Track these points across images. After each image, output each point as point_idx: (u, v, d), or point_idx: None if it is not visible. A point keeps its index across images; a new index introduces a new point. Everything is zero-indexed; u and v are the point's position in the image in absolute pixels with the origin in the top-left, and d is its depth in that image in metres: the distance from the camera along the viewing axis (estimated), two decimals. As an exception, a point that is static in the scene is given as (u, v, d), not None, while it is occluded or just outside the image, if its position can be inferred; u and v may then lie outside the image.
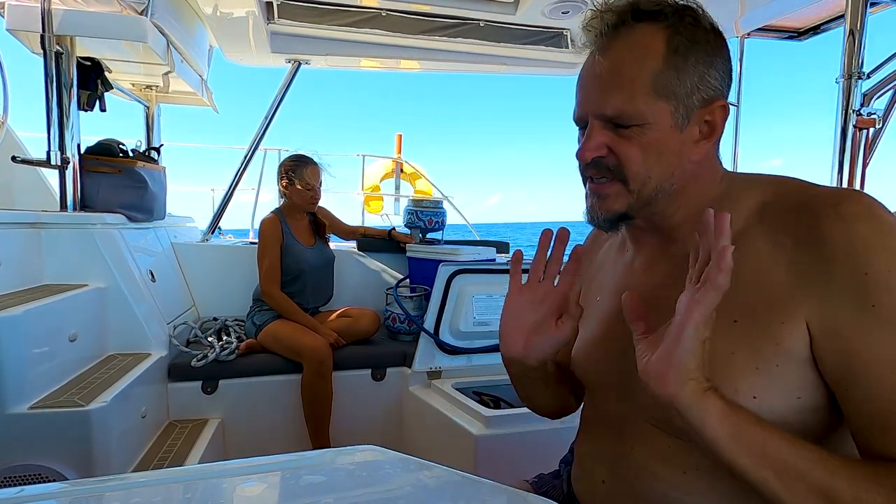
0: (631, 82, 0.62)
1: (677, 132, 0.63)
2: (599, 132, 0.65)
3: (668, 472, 0.65)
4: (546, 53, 2.69)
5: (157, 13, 2.06)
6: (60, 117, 2.01)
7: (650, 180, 0.65)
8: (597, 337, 0.78)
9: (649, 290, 0.69)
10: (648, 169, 0.64)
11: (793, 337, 0.57)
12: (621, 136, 0.64)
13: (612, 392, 0.73)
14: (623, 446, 0.70)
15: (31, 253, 1.74)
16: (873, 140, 1.72)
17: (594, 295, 0.83)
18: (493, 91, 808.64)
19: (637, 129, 0.63)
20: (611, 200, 0.67)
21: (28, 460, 1.34)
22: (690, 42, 0.62)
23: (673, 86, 0.62)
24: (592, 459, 0.76)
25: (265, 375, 2.09)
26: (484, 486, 0.49)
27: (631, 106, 0.62)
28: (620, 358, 0.70)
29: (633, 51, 0.63)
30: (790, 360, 0.57)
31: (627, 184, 0.65)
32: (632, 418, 0.69)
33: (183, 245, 2.63)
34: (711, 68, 0.63)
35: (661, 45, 0.62)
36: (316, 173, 2.34)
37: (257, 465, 0.54)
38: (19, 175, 2.76)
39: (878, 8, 1.86)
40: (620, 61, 0.63)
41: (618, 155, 0.65)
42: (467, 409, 1.64)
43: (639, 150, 0.64)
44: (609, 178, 0.66)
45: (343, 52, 2.65)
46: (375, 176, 5.82)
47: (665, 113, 0.62)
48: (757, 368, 0.58)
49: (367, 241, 2.80)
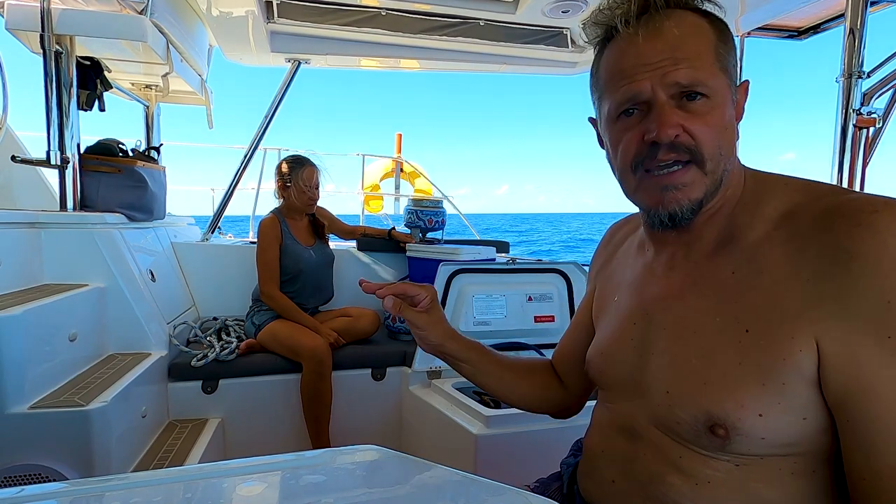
0: (698, 52, 0.60)
1: (732, 107, 0.62)
2: (672, 109, 0.60)
3: (680, 481, 0.63)
4: (546, 52, 2.69)
5: (156, 12, 2.06)
6: (60, 117, 2.01)
7: (721, 159, 0.61)
8: (612, 337, 0.76)
9: (670, 289, 0.68)
10: (720, 146, 0.61)
11: (801, 354, 0.54)
12: (690, 111, 0.60)
13: (625, 393, 0.72)
14: (635, 449, 0.69)
15: (30, 253, 1.74)
16: (873, 139, 1.72)
17: (612, 294, 0.81)
18: (498, 87, 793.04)
19: (705, 101, 0.60)
20: (691, 189, 0.62)
21: (28, 460, 1.34)
22: (725, 26, 0.63)
23: (727, 60, 0.61)
24: (603, 458, 0.75)
25: (265, 375, 2.09)
26: (484, 485, 0.49)
27: (703, 74, 0.59)
28: (635, 359, 0.70)
29: (692, 27, 0.61)
30: (797, 379, 0.54)
31: (704, 165, 0.61)
32: (644, 422, 0.68)
33: (183, 245, 2.63)
34: (734, 50, 0.63)
35: (708, 24, 0.61)
36: (312, 175, 2.34)
37: (257, 465, 0.54)
38: (19, 175, 2.77)
39: (878, 7, 1.86)
40: (680, 33, 0.60)
41: (691, 132, 0.60)
42: (467, 408, 1.64)
43: (709, 125, 0.60)
44: (683, 162, 0.61)
45: (343, 51, 2.65)
46: (375, 175, 5.82)
47: (725, 86, 0.61)
48: (763, 384, 0.56)
49: (366, 240, 2.80)
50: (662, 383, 0.65)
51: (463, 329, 1.96)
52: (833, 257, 0.54)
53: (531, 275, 2.10)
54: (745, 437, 0.57)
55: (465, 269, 1.99)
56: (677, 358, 0.63)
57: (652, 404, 0.66)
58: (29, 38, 2.08)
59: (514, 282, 2.06)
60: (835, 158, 1.74)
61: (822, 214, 0.56)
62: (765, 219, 0.61)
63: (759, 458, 0.58)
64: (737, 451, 0.58)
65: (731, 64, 0.62)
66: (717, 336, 0.60)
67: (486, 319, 2.00)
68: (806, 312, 0.54)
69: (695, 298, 0.64)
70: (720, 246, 0.64)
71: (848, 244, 0.53)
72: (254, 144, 2.87)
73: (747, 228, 0.62)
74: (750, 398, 0.56)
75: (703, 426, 0.59)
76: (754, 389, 0.56)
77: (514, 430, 1.52)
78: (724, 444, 0.58)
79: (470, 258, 2.37)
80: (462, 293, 1.97)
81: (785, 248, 0.58)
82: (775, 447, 0.57)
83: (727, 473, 0.59)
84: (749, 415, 0.56)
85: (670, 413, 0.63)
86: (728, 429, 0.57)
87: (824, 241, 0.55)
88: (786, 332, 0.55)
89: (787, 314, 0.55)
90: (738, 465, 0.59)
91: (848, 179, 1.72)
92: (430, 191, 5.74)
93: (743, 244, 0.61)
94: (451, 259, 2.29)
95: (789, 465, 0.58)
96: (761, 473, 0.58)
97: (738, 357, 0.57)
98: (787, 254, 0.57)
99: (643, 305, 0.71)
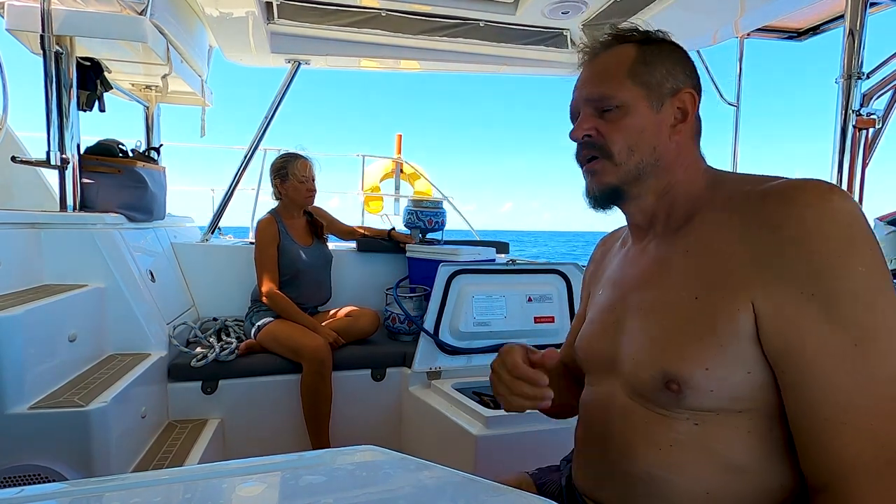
0: (611, 74, 0.76)
1: (654, 113, 0.75)
2: (588, 117, 0.78)
3: (648, 448, 0.69)
4: (546, 53, 2.69)
5: (156, 13, 2.06)
6: (60, 117, 2.01)
7: (633, 154, 0.75)
8: (594, 326, 0.86)
9: (641, 272, 0.79)
10: (631, 145, 0.75)
11: (740, 314, 0.62)
12: (606, 119, 0.76)
13: (603, 371, 0.80)
14: (611, 426, 0.76)
15: (30, 253, 1.74)
16: (873, 140, 1.72)
17: (598, 291, 0.91)
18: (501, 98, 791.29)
19: (618, 110, 0.75)
20: (601, 175, 0.77)
21: (28, 460, 1.34)
22: (657, 47, 0.77)
23: (645, 75, 0.75)
24: (585, 442, 0.83)
25: (265, 375, 2.09)
26: (484, 486, 0.49)
27: (611, 90, 0.75)
28: (611, 339, 0.79)
29: (613, 56, 0.78)
30: (739, 337, 0.62)
31: (613, 158, 0.75)
32: (617, 395, 0.76)
33: (183, 245, 2.62)
34: (677, 66, 0.76)
35: (634, 50, 0.77)
36: (306, 166, 2.34)
37: (257, 465, 0.54)
38: (19, 175, 2.77)
39: (878, 8, 1.86)
40: (604, 63, 0.78)
41: (603, 135, 0.76)
42: (467, 409, 1.64)
43: (621, 129, 0.75)
44: (598, 156, 0.77)
45: (343, 52, 2.65)
46: (375, 176, 5.81)
47: (640, 97, 0.74)
48: (706, 341, 0.64)
49: (366, 241, 2.79)
50: (630, 354, 0.74)
51: (463, 329, 1.96)
52: (762, 228, 0.63)
53: (531, 275, 2.10)
54: (695, 391, 0.64)
55: (464, 270, 1.99)
56: (643, 332, 0.73)
57: (623, 374, 0.75)
58: (29, 39, 2.08)
59: (514, 282, 2.06)
60: (834, 159, 1.74)
61: (759, 195, 0.66)
62: (714, 204, 0.71)
63: (714, 415, 0.65)
64: (691, 406, 0.65)
65: (653, 78, 0.75)
66: (674, 307, 0.69)
67: (486, 320, 2.00)
68: (745, 279, 0.62)
69: (658, 278, 0.74)
70: (678, 230, 0.75)
71: (777, 218, 0.62)
72: (253, 145, 2.86)
73: (699, 213, 0.73)
74: (695, 354, 0.64)
75: (661, 383, 0.67)
76: (699, 346, 0.64)
77: (513, 430, 1.52)
78: (678, 399, 0.66)
79: (470, 259, 2.37)
80: (462, 294, 1.97)
81: (727, 225, 0.67)
82: (724, 400, 0.63)
83: (688, 435, 0.66)
84: (696, 369, 0.64)
85: (636, 378, 0.72)
86: (680, 383, 0.65)
87: (760, 217, 0.64)
88: (727, 297, 0.63)
89: (730, 282, 0.64)
90: (697, 423, 0.66)
91: (848, 180, 1.72)
92: (430, 191, 5.74)
93: (696, 224, 0.72)
94: (450, 260, 2.30)
95: (745, 423, 0.64)
96: (720, 432, 0.65)
97: (688, 321, 0.66)
98: (729, 230, 0.66)
99: (620, 291, 0.82)
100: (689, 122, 0.76)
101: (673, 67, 0.76)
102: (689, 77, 0.77)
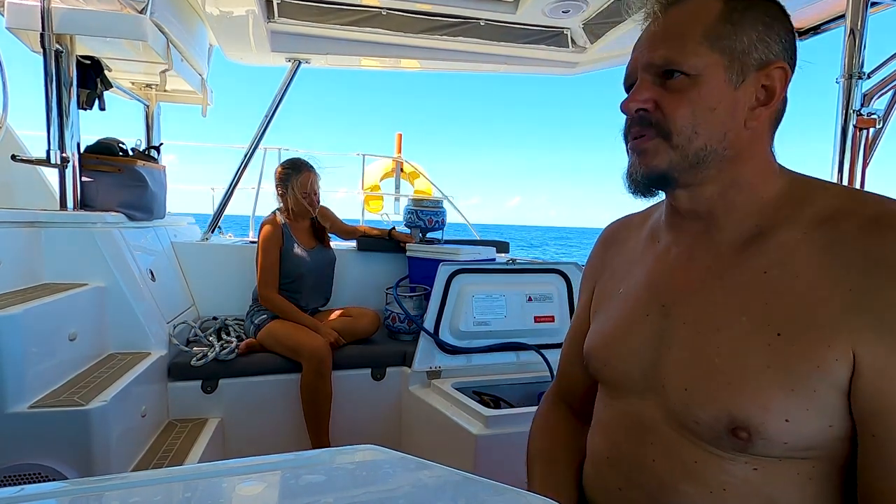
0: (682, 33, 0.61)
1: (732, 89, 0.60)
2: (647, 86, 0.63)
3: (694, 490, 0.61)
4: (546, 52, 2.69)
5: (156, 12, 2.06)
6: (60, 116, 2.01)
7: (697, 137, 0.61)
8: (616, 329, 0.73)
9: (690, 280, 0.66)
10: (696, 125, 0.60)
11: (837, 363, 0.53)
12: (670, 90, 0.61)
13: (634, 389, 0.69)
14: (643, 453, 0.66)
15: (30, 252, 1.74)
16: (873, 140, 1.72)
17: (615, 287, 0.79)
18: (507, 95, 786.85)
19: (686, 79, 0.60)
20: (650, 155, 0.63)
21: (28, 459, 1.34)
22: (749, 3, 0.61)
23: (728, 39, 0.59)
24: (608, 464, 0.72)
25: (265, 375, 2.09)
26: (484, 485, 0.49)
27: (680, 53, 0.60)
28: (647, 353, 0.67)
29: (689, 10, 0.62)
30: (829, 387, 0.53)
31: (671, 139, 0.61)
32: (657, 423, 0.65)
33: (183, 244, 2.62)
34: (771, 31, 0.60)
35: (718, 4, 0.61)
36: (308, 180, 2.32)
37: (257, 465, 0.54)
38: (19, 174, 2.76)
39: (879, 8, 1.86)
40: (675, 18, 0.62)
41: (663, 109, 0.61)
42: (467, 408, 1.64)
43: (687, 104, 0.60)
44: (651, 134, 0.63)
45: (343, 51, 2.65)
46: (375, 175, 5.82)
47: (717, 65, 0.59)
48: (793, 390, 0.54)
49: (366, 240, 2.79)
50: (680, 380, 0.62)
51: (463, 329, 1.96)
52: (880, 267, 0.52)
53: (531, 275, 2.10)
54: (768, 441, 0.56)
55: (464, 269, 1.99)
56: (699, 354, 0.61)
57: (667, 401, 0.63)
58: (29, 37, 2.08)
59: (514, 282, 2.06)
60: (835, 159, 1.74)
61: (869, 222, 0.55)
62: (803, 221, 0.59)
63: (777, 461, 0.57)
64: (756, 454, 0.57)
65: (740, 41, 0.59)
66: (744, 336, 0.58)
67: (486, 319, 2.00)
68: (846, 321, 0.53)
69: (720, 293, 0.62)
70: (749, 242, 0.62)
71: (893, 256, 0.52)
72: (254, 144, 2.86)
73: (781, 228, 0.61)
74: (777, 403, 0.54)
75: (725, 428, 0.57)
76: (783, 394, 0.54)
77: (513, 430, 1.52)
78: (746, 447, 0.57)
79: (470, 258, 2.37)
80: (462, 293, 1.97)
81: (825, 253, 0.56)
82: (796, 451, 0.56)
83: (744, 479, 0.58)
84: (775, 419, 0.54)
85: (688, 411, 0.61)
86: (751, 432, 0.56)
87: (871, 250, 0.53)
88: (822, 339, 0.53)
89: (824, 321, 0.54)
90: (756, 468, 0.58)
91: (848, 180, 1.72)
92: (430, 191, 5.74)
93: (776, 243, 0.60)
94: (451, 259, 2.29)
95: (807, 470, 0.57)
96: (779, 478, 0.57)
97: (767, 360, 0.56)
98: (827, 259, 0.56)
99: (657, 297, 0.69)
100: (773, 107, 0.62)
101: (767, 32, 0.60)
102: (786, 48, 0.61)
